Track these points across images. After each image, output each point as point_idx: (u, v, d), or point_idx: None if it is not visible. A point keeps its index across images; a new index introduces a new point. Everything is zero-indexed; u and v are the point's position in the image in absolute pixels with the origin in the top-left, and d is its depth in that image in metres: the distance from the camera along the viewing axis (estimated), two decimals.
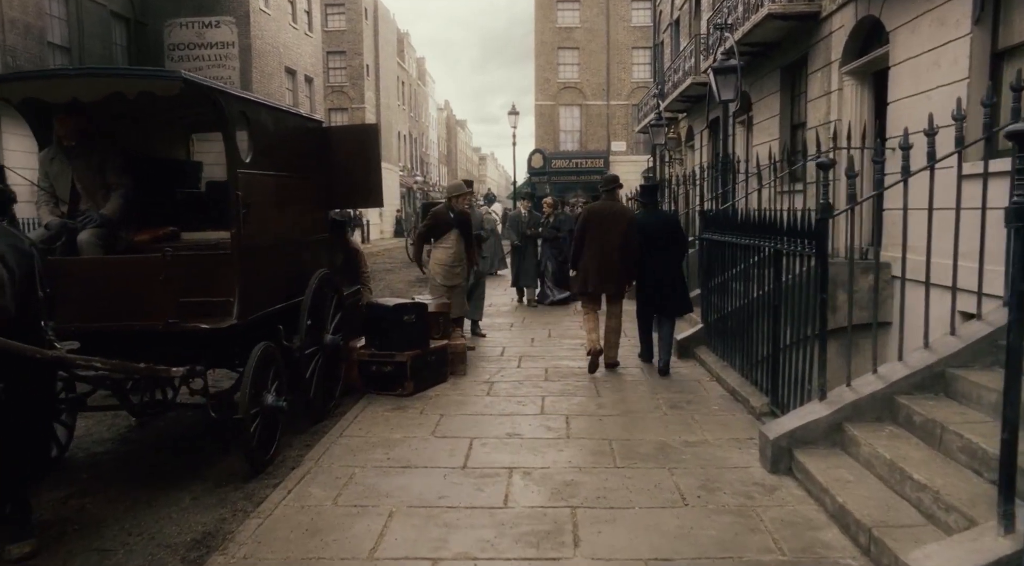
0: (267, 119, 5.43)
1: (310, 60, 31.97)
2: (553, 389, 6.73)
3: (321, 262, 6.25)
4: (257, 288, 5.06)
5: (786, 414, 4.83)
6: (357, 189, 6.69)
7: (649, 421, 5.68)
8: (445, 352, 7.04)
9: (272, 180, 5.36)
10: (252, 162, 5.05)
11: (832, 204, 5.49)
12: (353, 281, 7.42)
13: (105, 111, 5.46)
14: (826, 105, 9.69)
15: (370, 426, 5.61)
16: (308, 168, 6.16)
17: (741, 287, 6.67)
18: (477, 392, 6.63)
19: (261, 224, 5.14)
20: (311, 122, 6.38)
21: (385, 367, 6.50)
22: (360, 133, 6.71)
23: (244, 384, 4.64)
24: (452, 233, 7.97)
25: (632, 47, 39.44)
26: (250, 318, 4.93)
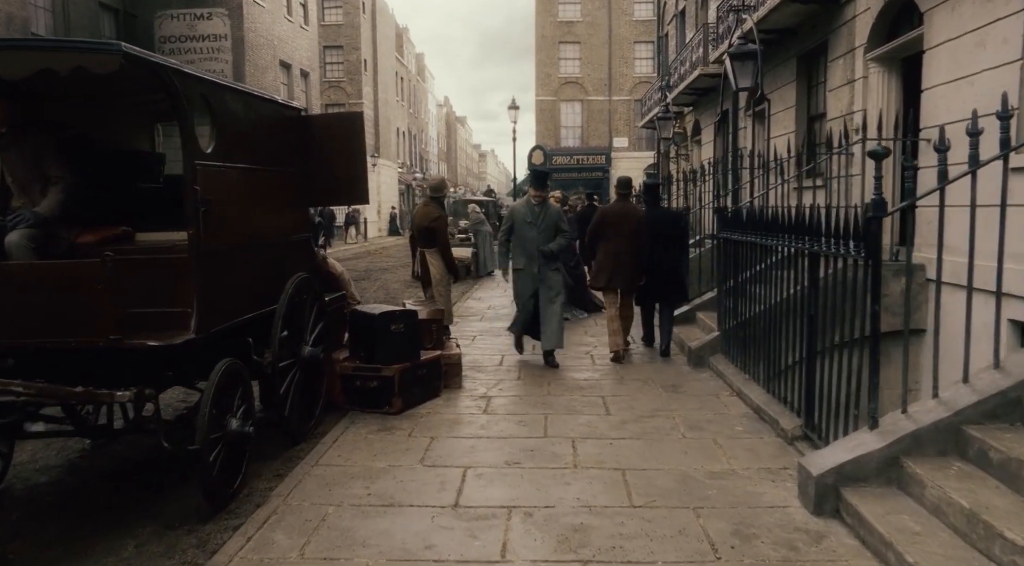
0: (234, 104, 4.78)
1: (306, 54, 31.29)
2: (557, 405, 6.08)
3: (300, 265, 5.60)
4: (221, 297, 4.42)
5: (829, 445, 4.17)
6: (341, 184, 6.03)
7: (666, 446, 5.03)
8: (438, 364, 6.39)
9: (240, 174, 4.72)
10: (215, 153, 4.40)
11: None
12: None
13: (49, 95, 4.83)
14: (849, 94, 9.03)
15: (351, 452, 4.97)
16: (285, 161, 5.51)
17: (764, 291, 6.03)
18: (473, 409, 5.99)
19: (226, 223, 4.49)
20: (289, 110, 5.73)
21: (370, 382, 5.85)
22: (344, 122, 6.06)
23: (202, 409, 4.00)
24: None
25: (634, 41, 38.75)
26: (212, 331, 4.29)
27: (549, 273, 7.46)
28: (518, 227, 7.50)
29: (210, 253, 4.28)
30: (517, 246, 7.51)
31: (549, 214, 7.52)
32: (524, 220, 7.49)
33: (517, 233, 7.50)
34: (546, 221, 7.49)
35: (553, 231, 7.46)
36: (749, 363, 6.43)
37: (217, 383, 4.10)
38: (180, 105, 4.10)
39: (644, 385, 6.73)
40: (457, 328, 9.97)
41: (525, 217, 7.49)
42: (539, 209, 7.51)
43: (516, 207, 7.71)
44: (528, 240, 7.44)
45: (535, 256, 7.43)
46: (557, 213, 7.64)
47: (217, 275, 4.37)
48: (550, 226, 7.48)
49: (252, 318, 4.87)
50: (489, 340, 9.08)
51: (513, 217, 7.58)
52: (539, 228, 7.41)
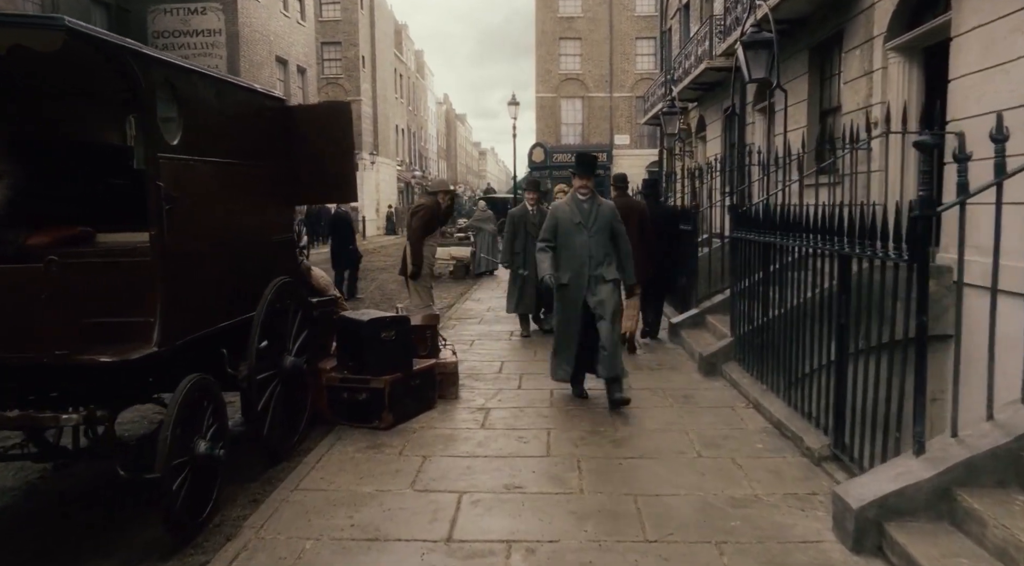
0: (205, 92, 4.33)
1: (303, 50, 30.83)
2: (561, 419, 5.64)
3: (282, 268, 5.16)
4: (188, 304, 3.98)
5: (868, 472, 3.73)
6: (327, 180, 5.59)
7: (681, 466, 4.59)
8: (432, 374, 5.95)
9: (211, 168, 4.27)
10: (182, 145, 3.96)
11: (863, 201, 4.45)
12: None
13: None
14: (866, 86, 8.59)
15: (335, 473, 4.53)
16: (265, 154, 5.07)
17: (783, 295, 5.59)
18: (469, 424, 5.55)
19: (194, 223, 4.06)
20: (270, 99, 5.28)
21: (358, 395, 5.41)
22: (330, 113, 5.61)
23: (164, 432, 3.56)
24: (438, 231, 7.39)
25: (636, 37, 38.27)
26: (178, 343, 3.86)
27: (602, 287, 5.80)
28: (563, 231, 5.89)
29: (176, 256, 3.84)
30: (561, 256, 5.93)
31: (602, 212, 5.83)
32: (570, 221, 5.85)
33: (562, 239, 5.89)
34: (599, 221, 5.82)
35: (608, 234, 5.85)
36: (766, 372, 5.99)
37: (182, 402, 3.66)
38: (139, 90, 3.65)
39: (653, 395, 6.29)
40: (455, 332, 9.54)
41: (571, 217, 5.84)
42: (589, 205, 5.85)
43: (559, 205, 6.07)
44: (576, 247, 5.82)
45: (586, 268, 5.79)
46: (611, 211, 5.94)
47: (184, 280, 3.93)
48: (604, 227, 5.84)
49: (226, 327, 4.44)
50: (488, 345, 8.64)
51: (556, 218, 5.96)
52: (591, 231, 5.80)
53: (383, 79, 44.54)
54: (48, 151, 4.56)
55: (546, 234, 6.02)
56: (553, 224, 6.00)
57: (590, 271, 5.81)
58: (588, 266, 5.82)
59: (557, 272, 5.89)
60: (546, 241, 6.00)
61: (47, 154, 4.51)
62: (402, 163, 50.17)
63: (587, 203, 5.90)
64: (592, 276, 5.81)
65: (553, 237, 5.97)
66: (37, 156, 4.34)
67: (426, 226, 7.37)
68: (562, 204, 6.08)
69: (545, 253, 5.96)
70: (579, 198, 5.91)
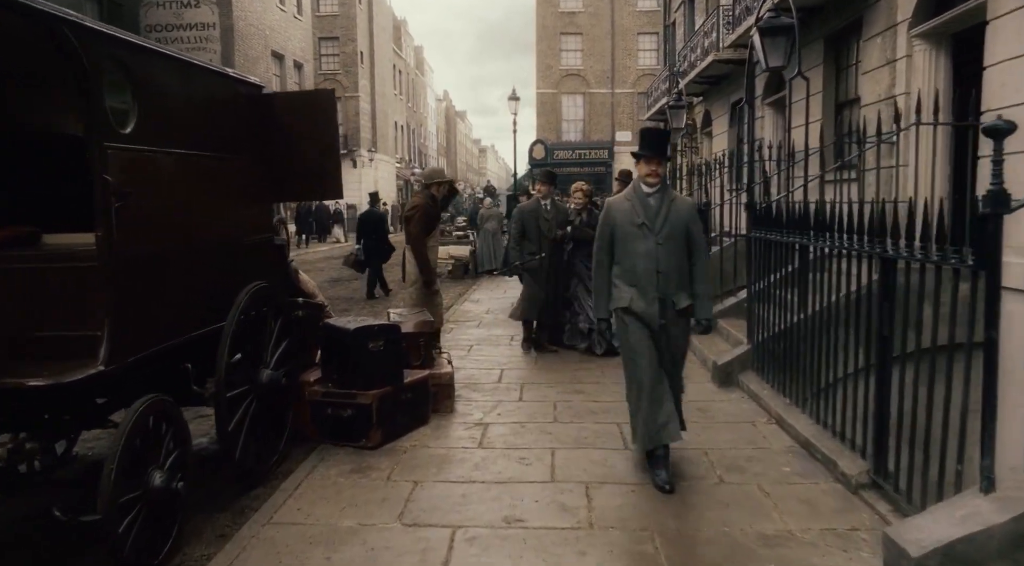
0: (166, 75, 3.84)
1: (299, 45, 30.32)
2: (566, 436, 5.15)
3: (259, 272, 4.67)
4: (144, 315, 3.50)
5: (926, 513, 3.24)
6: (309, 175, 5.09)
7: (702, 495, 4.10)
8: (426, 386, 5.46)
9: (173, 161, 3.78)
10: (136, 133, 3.47)
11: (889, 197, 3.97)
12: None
13: None
14: (888, 76, 8.09)
15: (314, 503, 4.04)
16: (239, 146, 4.58)
17: (808, 300, 5.10)
18: (466, 442, 5.06)
19: (151, 222, 3.57)
20: (245, 86, 4.78)
21: (344, 411, 4.92)
22: (312, 102, 5.12)
23: (107, 465, 3.07)
24: (437, 228, 6.81)
25: (638, 33, 37.69)
26: (131, 360, 3.37)
27: (674, 321, 4.25)
28: (622, 235, 4.24)
29: (127, 260, 3.36)
30: (619, 266, 4.30)
31: (676, 210, 4.20)
32: (629, 221, 4.21)
33: (619, 247, 4.27)
34: (671, 223, 4.18)
35: (684, 238, 4.21)
36: (789, 384, 5.50)
37: (131, 430, 3.17)
38: (81, 69, 3.16)
39: None
40: (452, 336, 9.06)
41: (631, 216, 4.21)
42: (657, 201, 4.19)
43: (616, 201, 4.41)
44: (638, 258, 4.18)
45: (653, 288, 4.15)
46: (690, 209, 4.35)
47: (138, 287, 3.45)
48: (677, 232, 4.18)
49: (192, 339, 3.95)
50: (487, 350, 8.15)
51: (612, 218, 4.31)
52: (659, 235, 4.14)
53: (382, 75, 44.01)
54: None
55: (601, 243, 4.36)
56: (608, 228, 4.31)
57: (660, 292, 4.16)
58: (657, 285, 4.15)
59: (614, 294, 4.32)
60: (603, 252, 4.34)
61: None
62: (401, 160, 49.66)
63: (655, 197, 4.20)
64: (663, 300, 4.17)
65: (610, 246, 4.31)
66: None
67: (425, 227, 6.74)
68: (619, 199, 4.41)
69: (602, 275, 4.35)
70: (644, 190, 4.22)
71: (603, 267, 4.38)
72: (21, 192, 4.25)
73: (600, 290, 4.42)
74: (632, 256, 4.22)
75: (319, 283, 16.04)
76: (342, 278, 16.93)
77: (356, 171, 38.67)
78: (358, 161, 38.85)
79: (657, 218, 4.18)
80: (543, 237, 7.56)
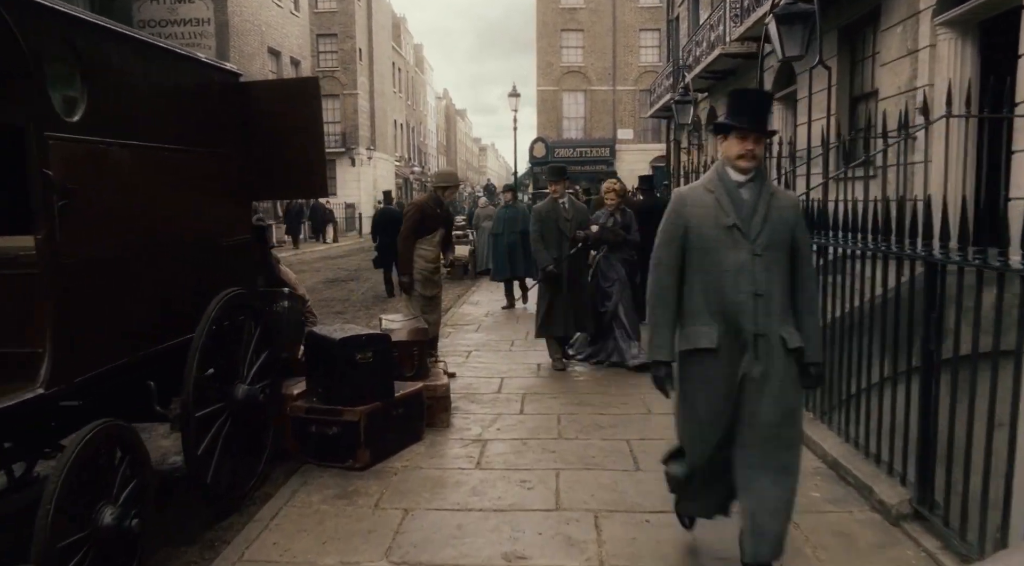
0: (123, 58, 3.42)
1: (296, 41, 29.91)
2: (571, 454, 4.74)
3: (235, 277, 4.25)
4: (95, 328, 3.09)
5: (990, 561, 2.82)
6: (292, 171, 4.67)
7: (724, 524, 3.68)
8: (420, 400, 5.04)
9: (132, 155, 3.37)
10: (87, 123, 3.06)
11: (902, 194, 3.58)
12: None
13: None
14: (910, 67, 7.67)
15: (293, 535, 3.63)
16: (212, 139, 4.16)
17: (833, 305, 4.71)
18: (462, 462, 4.64)
19: (105, 223, 3.16)
20: (220, 73, 4.37)
21: (329, 428, 4.51)
22: (295, 91, 4.70)
23: (43, 505, 2.65)
24: (438, 231, 6.43)
25: (640, 29, 37.23)
26: (78, 380, 2.97)
27: (777, 366, 2.90)
28: (700, 241, 2.96)
29: (75, 267, 2.95)
30: (695, 288, 2.99)
31: (777, 208, 2.94)
32: (714, 221, 2.95)
33: (696, 257, 2.98)
34: (774, 225, 2.92)
35: (788, 248, 2.96)
36: (810, 395, 5.09)
37: (75, 461, 2.75)
38: (17, 47, 2.74)
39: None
40: (450, 340, 8.65)
41: (717, 216, 2.94)
42: (752, 194, 2.94)
43: (690, 194, 3.06)
44: (727, 274, 2.91)
45: (747, 319, 2.88)
46: (794, 208, 3.04)
47: (87, 298, 3.04)
48: (780, 239, 2.94)
49: (155, 354, 3.54)
50: (486, 357, 7.73)
51: (685, 217, 3.00)
52: (756, 243, 2.89)
53: (381, 73, 43.57)
54: None
55: (666, 254, 3.01)
56: (678, 230, 2.99)
57: (755, 325, 2.86)
58: (751, 313, 2.85)
59: (686, 329, 2.98)
60: (667, 267, 3.01)
61: None
62: (400, 159, 49.23)
63: (750, 189, 2.92)
64: (759, 336, 2.86)
65: (679, 258, 2.99)
66: None
67: (415, 227, 6.42)
68: (697, 190, 3.04)
69: (665, 300, 3.01)
70: (734, 178, 2.94)
71: (666, 289, 3.00)
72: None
73: (662, 322, 3.01)
74: (716, 272, 2.88)
75: (316, 283, 15.68)
76: (338, 279, 16.54)
77: (355, 169, 38.26)
78: (357, 160, 38.43)
79: (754, 218, 2.87)
80: (564, 240, 6.83)
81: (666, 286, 3.03)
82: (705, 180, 3.07)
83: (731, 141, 2.95)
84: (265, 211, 25.40)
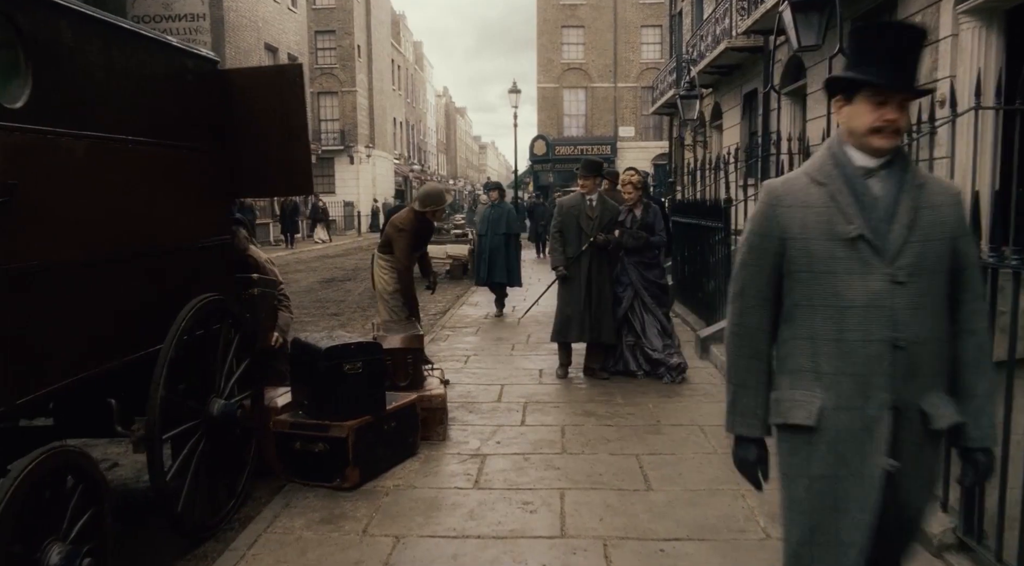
0: (78, 38, 3.07)
1: (294, 38, 29.58)
2: (577, 472, 4.39)
3: (210, 281, 3.91)
4: (40, 343, 2.74)
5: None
6: (274, 166, 4.32)
7: (746, 556, 3.34)
8: (413, 412, 4.69)
9: (86, 146, 3.02)
10: (32, 110, 2.71)
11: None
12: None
13: None
14: (929, 58, 7.33)
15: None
16: (185, 131, 3.81)
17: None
18: (459, 480, 4.29)
19: (53, 223, 2.81)
20: (194, 59, 4.00)
21: (315, 445, 4.16)
22: (277, 79, 4.33)
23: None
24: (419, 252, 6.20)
25: (641, 25, 36.90)
26: (21, 403, 2.62)
27: (924, 456, 1.95)
28: (806, 260, 1.92)
29: (15, 273, 2.60)
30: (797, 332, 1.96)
31: (932, 204, 1.89)
32: (827, 231, 1.90)
33: (805, 285, 1.93)
34: (926, 233, 1.87)
35: (947, 271, 1.93)
36: None
37: (10, 498, 2.40)
38: None
39: (690, 436, 5.03)
40: (447, 344, 8.32)
41: (831, 221, 1.90)
42: (889, 188, 1.90)
43: (782, 191, 1.97)
44: (855, 311, 1.87)
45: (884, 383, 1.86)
46: (955, 204, 1.93)
47: (32, 308, 2.69)
48: (933, 261, 1.89)
49: (117, 369, 3.20)
50: (486, 362, 7.38)
51: (779, 226, 1.95)
52: (898, 262, 1.86)
53: (380, 70, 43.22)
54: None
55: (745, 277, 2.05)
56: (771, 241, 1.99)
57: (896, 393, 1.89)
58: (892, 375, 1.88)
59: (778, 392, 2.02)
60: (755, 300, 2.03)
61: None
62: (400, 157, 48.89)
63: (883, 179, 1.92)
64: (901, 412, 1.90)
65: (772, 283, 2.02)
66: None
67: (409, 255, 6.05)
68: (799, 181, 1.99)
69: (751, 347, 2.04)
70: (857, 164, 1.93)
71: (753, 333, 2.04)
72: None
73: (747, 380, 2.05)
74: (834, 309, 1.90)
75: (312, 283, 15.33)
76: (335, 278, 16.21)
77: (353, 168, 37.93)
78: (355, 157, 38.10)
79: (893, 226, 1.88)
80: (584, 238, 6.32)
81: (752, 329, 2.03)
82: (812, 167, 2.00)
83: (859, 106, 1.89)
84: (261, 209, 25.05)
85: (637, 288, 6.52)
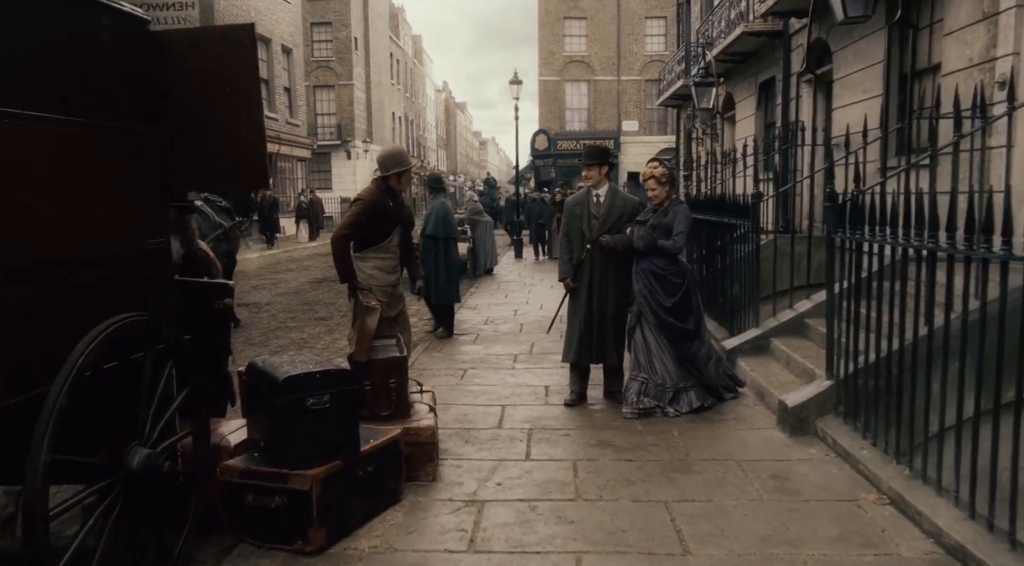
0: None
1: (288, 29, 28.71)
2: (595, 527, 3.58)
3: (133, 299, 3.09)
4: None
5: None
6: (221, 155, 3.49)
7: None
8: (396, 451, 3.87)
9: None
10: None
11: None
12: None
13: None
14: (986, 35, 6.48)
15: None
16: (105, 108, 3.00)
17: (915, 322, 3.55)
18: (450, 540, 3.48)
19: None
20: (111, 15, 3.14)
21: (271, 499, 3.34)
22: (224, 45, 3.50)
23: None
24: (394, 233, 5.22)
25: (645, 16, 35.95)
26: None
27: None
28: None
29: None
30: None
31: None
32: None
33: None
34: None
35: None
36: (902, 441, 3.94)
37: None
38: None
39: (727, 475, 4.21)
40: (442, 354, 7.54)
41: None
42: None
43: None
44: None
45: None
46: None
47: None
48: None
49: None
50: (485, 377, 6.56)
51: None
52: None
53: (378, 64, 42.32)
54: None
55: None
56: None
57: None
58: None
59: None
60: None
61: None
62: None
63: None
64: None
65: None
66: None
67: (354, 226, 4.96)
68: None
69: None
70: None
71: None
72: None
73: None
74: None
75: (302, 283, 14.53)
76: (327, 278, 15.37)
77: (351, 163, 37.11)
78: (352, 152, 37.26)
79: None
80: (585, 242, 5.42)
81: None
82: None
83: None
84: None
85: (642, 306, 5.37)
